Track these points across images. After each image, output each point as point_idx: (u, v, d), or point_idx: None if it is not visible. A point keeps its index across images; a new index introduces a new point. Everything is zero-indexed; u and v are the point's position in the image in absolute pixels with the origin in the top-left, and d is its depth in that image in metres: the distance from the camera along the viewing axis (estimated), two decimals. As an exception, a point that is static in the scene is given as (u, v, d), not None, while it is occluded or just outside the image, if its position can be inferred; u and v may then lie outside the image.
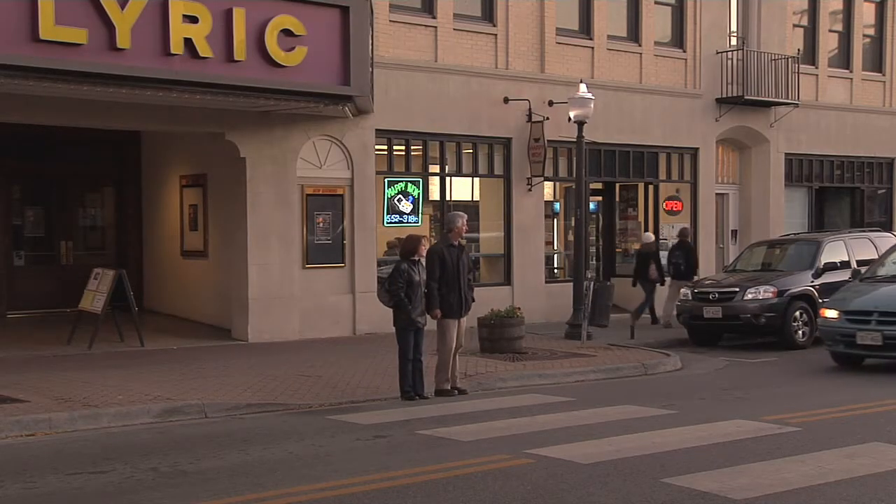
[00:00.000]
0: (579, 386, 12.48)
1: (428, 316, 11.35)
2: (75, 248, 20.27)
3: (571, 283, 17.33)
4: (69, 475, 7.77)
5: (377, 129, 17.38)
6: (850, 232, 18.61)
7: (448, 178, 18.79)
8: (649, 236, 19.74)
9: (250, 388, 11.51)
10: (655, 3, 21.04)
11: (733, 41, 22.61)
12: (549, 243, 20.71)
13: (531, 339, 15.46)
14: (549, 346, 15.22)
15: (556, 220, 21.11)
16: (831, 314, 13.44)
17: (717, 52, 21.81)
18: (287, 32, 13.82)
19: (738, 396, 11.40)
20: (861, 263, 15.72)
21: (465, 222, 11.61)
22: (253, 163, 16.14)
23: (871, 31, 25.36)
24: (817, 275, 16.47)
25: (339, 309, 16.99)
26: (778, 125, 22.99)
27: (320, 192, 16.85)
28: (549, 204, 20.51)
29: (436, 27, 18.00)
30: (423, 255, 11.35)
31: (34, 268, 19.81)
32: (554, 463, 7.90)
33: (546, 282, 19.62)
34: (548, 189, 20.25)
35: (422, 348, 11.30)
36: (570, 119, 17.36)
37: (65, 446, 8.93)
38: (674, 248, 19.37)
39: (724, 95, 21.85)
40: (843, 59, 24.75)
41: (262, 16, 13.60)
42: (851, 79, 24.82)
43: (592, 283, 16.06)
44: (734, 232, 23.29)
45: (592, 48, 20.09)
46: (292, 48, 13.88)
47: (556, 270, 20.93)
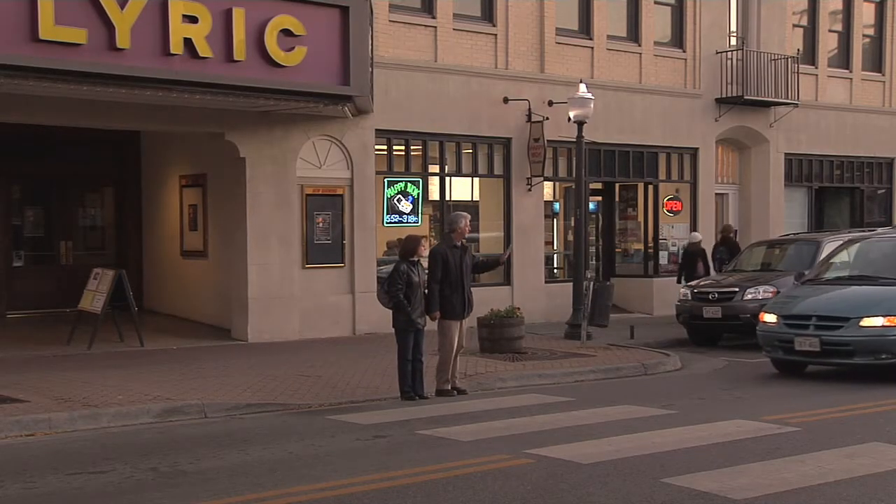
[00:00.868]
0: (579, 386, 12.48)
1: (428, 317, 11.33)
2: (75, 248, 20.27)
3: (571, 283, 17.34)
4: (69, 475, 7.77)
5: (377, 129, 17.38)
6: (849, 232, 18.59)
7: (448, 178, 18.79)
8: (696, 235, 20.00)
9: (250, 388, 11.51)
10: (655, 2, 21.05)
11: (733, 41, 22.61)
12: (549, 243, 20.71)
13: (531, 339, 15.47)
14: (548, 346, 15.22)
15: (555, 220, 21.11)
16: (770, 318, 12.86)
17: (717, 52, 21.81)
18: (287, 32, 13.82)
19: (737, 396, 11.41)
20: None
21: (467, 223, 11.55)
22: (253, 163, 16.15)
23: (870, 31, 25.36)
24: (816, 275, 16.42)
25: (339, 309, 17.00)
26: (777, 125, 22.99)
27: (320, 192, 16.85)
28: (548, 204, 20.52)
29: (435, 27, 18.00)
30: (423, 256, 11.33)
31: (34, 268, 19.82)
32: (554, 463, 7.90)
33: (546, 282, 19.63)
34: (547, 189, 20.25)
35: (422, 349, 11.28)
36: (569, 119, 17.36)
37: (64, 446, 8.93)
38: (717, 245, 19.81)
39: (724, 95, 21.85)
40: (843, 59, 24.75)
41: (261, 16, 13.61)
42: (851, 79, 24.83)
43: (592, 283, 16.05)
44: (734, 232, 23.25)
45: (592, 48, 20.10)
46: (292, 48, 13.89)
47: (555, 270, 20.94)
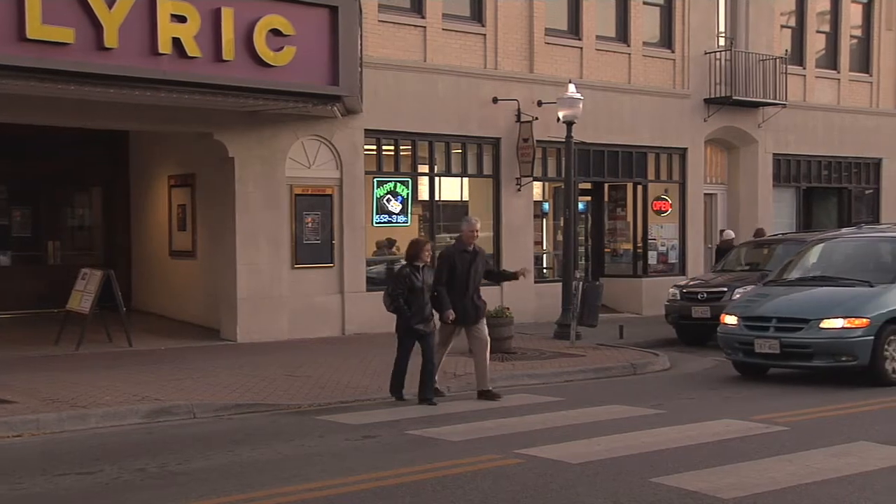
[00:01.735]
0: (568, 386, 12.49)
1: (439, 320, 11.14)
2: (63, 248, 20.20)
3: (560, 283, 17.36)
4: (57, 476, 7.74)
5: (366, 129, 17.36)
6: (836, 232, 18.64)
7: (437, 179, 18.78)
8: (730, 233, 20.26)
9: (239, 389, 11.48)
10: (644, 3, 21.09)
11: (721, 41, 22.67)
12: (539, 243, 20.72)
13: (520, 339, 15.47)
14: (538, 346, 15.23)
15: (545, 221, 21.13)
16: (731, 320, 12.69)
17: (706, 53, 21.87)
18: (276, 32, 13.79)
19: (726, 396, 11.44)
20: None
21: (472, 227, 11.24)
22: (242, 163, 16.11)
23: (857, 32, 25.46)
24: (804, 274, 16.43)
25: (328, 309, 16.98)
26: (766, 125, 23.06)
27: (309, 193, 16.82)
28: (538, 204, 20.53)
29: (425, 27, 17.99)
30: (426, 261, 10.98)
31: (21, 268, 19.73)
32: (543, 463, 7.91)
33: (535, 282, 19.62)
34: (537, 189, 20.27)
35: (432, 354, 10.97)
36: (559, 119, 17.38)
37: (52, 447, 8.89)
38: None
39: (713, 96, 21.91)
40: (831, 59, 24.85)
41: (250, 15, 13.58)
42: (839, 79, 24.92)
43: (581, 283, 16.07)
44: (722, 232, 23.31)
45: (581, 48, 20.12)
46: (281, 48, 13.86)
47: (545, 270, 20.95)
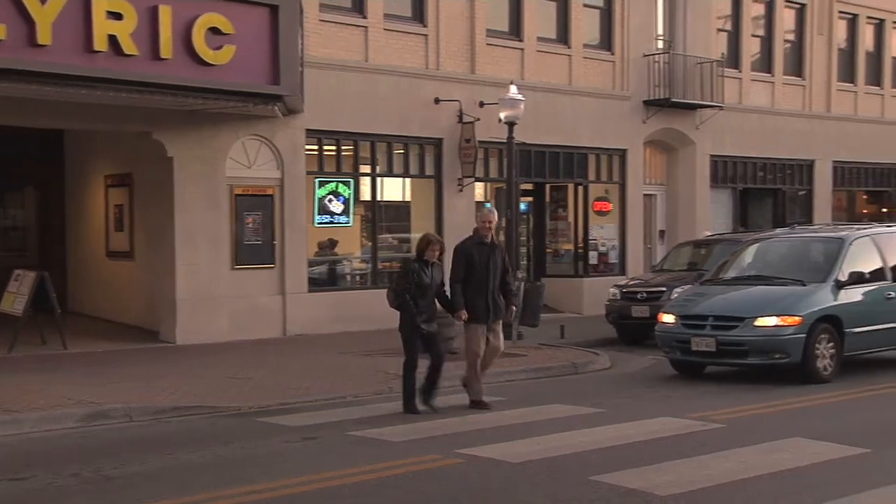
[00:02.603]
0: (510, 385, 12.54)
1: (453, 318, 10.53)
2: (-5, 249, 19.75)
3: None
4: (-12, 483, 7.56)
5: (307, 129, 17.27)
6: (771, 232, 19.00)
7: (379, 179, 18.75)
8: (706, 234, 20.65)
9: (177, 391, 11.33)
10: (584, 5, 21.28)
11: (660, 44, 22.98)
12: (481, 243, 20.75)
13: (462, 339, 15.46)
14: (480, 346, 15.25)
15: (487, 221, 21.15)
16: (668, 319, 12.84)
17: (645, 55, 22.15)
18: (215, 31, 13.64)
19: (664, 394, 11.59)
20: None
21: (485, 218, 10.49)
22: (181, 162, 15.90)
23: (791, 37, 25.98)
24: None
25: (270, 310, 16.84)
26: (703, 127, 23.43)
27: (250, 193, 16.67)
28: (480, 204, 20.56)
29: (366, 27, 17.95)
30: (435, 258, 10.24)
31: (-49, 270, 19.21)
32: (484, 462, 7.94)
33: (477, 282, 19.65)
34: (479, 189, 20.34)
35: (441, 355, 10.42)
36: (500, 120, 17.46)
37: (-16, 453, 8.68)
38: None
39: (652, 98, 22.20)
40: (765, 63, 25.34)
41: (188, 14, 13.41)
42: (773, 83, 25.42)
43: (523, 283, 16.14)
44: (662, 232, 23.67)
45: (522, 49, 20.24)
46: (220, 47, 13.71)
47: (487, 270, 20.98)
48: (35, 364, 13.40)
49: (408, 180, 19.53)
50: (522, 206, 21.12)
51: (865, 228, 14.37)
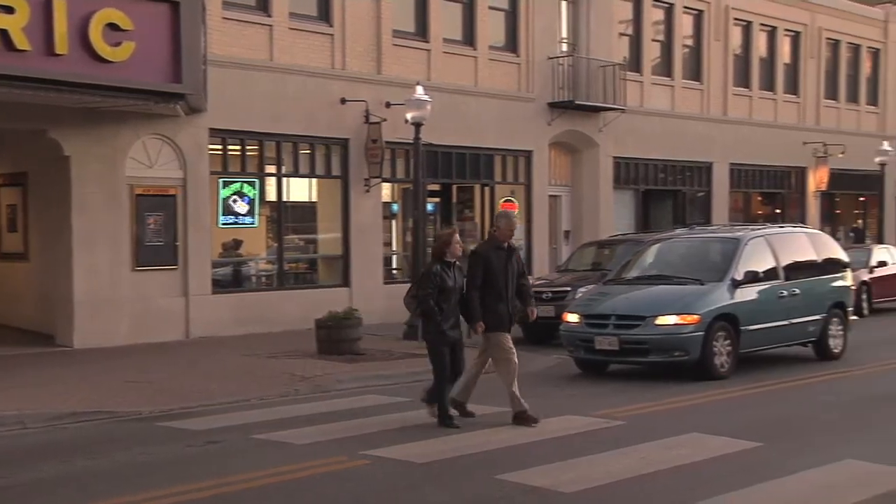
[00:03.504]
0: (417, 386, 12.41)
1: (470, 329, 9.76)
2: None
3: (409, 284, 17.40)
4: None
5: (211, 129, 16.99)
6: (672, 232, 19.45)
7: (285, 179, 18.57)
8: None
9: (74, 397, 11.01)
10: (489, 7, 21.45)
11: (564, 47, 23.32)
12: (388, 244, 20.78)
13: (369, 340, 15.45)
14: (387, 347, 15.25)
15: (394, 221, 21.19)
16: (573, 318, 12.99)
17: (549, 58, 22.44)
18: (113, 27, 13.28)
19: (569, 393, 11.76)
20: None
21: (512, 225, 10.03)
22: (78, 161, 15.46)
23: (690, 42, 26.67)
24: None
25: (172, 312, 16.51)
26: (606, 130, 23.87)
27: (151, 193, 16.32)
28: (387, 205, 20.59)
29: (271, 25, 17.75)
30: (457, 256, 9.55)
31: None
32: (390, 463, 7.94)
33: (384, 283, 19.67)
34: (386, 190, 20.32)
35: (462, 365, 9.69)
36: (407, 121, 17.45)
37: None
38: None
39: (556, 100, 22.51)
40: (666, 67, 25.95)
41: (84, 8, 13.02)
42: (673, 86, 26.05)
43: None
44: (566, 232, 24.03)
45: (429, 50, 20.30)
46: (119, 43, 13.37)
47: (394, 271, 21.02)
48: (-78, 371, 12.86)
49: (314, 181, 19.40)
50: (429, 207, 21.16)
51: (760, 229, 14.84)
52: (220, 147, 17.40)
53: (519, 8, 21.96)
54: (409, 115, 17.23)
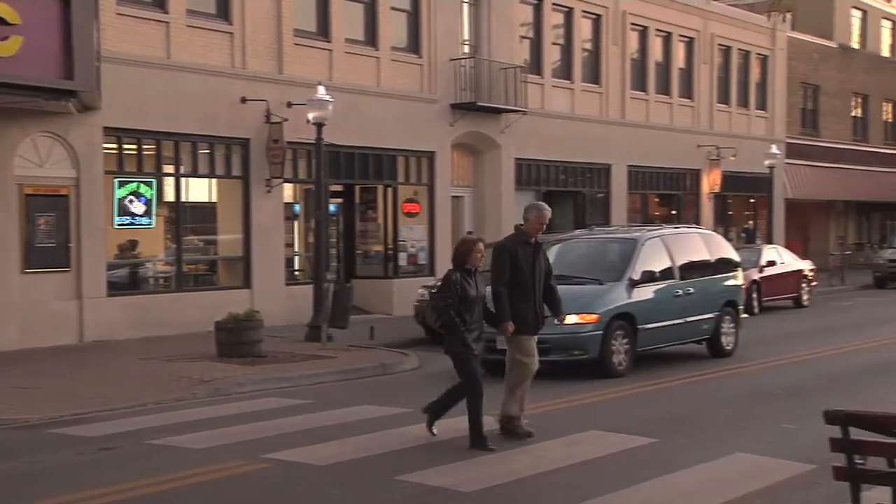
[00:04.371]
0: (319, 388, 12.47)
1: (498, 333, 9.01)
2: None
3: (312, 286, 17.30)
4: None
5: (106, 127, 16.54)
6: (572, 233, 19.78)
7: (184, 179, 18.21)
8: None
9: (-40, 405, 10.58)
10: (391, 8, 21.42)
11: (466, 49, 23.47)
12: (290, 245, 20.57)
13: (271, 342, 15.26)
14: (289, 349, 15.09)
15: (296, 222, 21.00)
16: None
17: (451, 60, 22.55)
18: (0, 21, 12.82)
19: (470, 392, 11.83)
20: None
21: (542, 218, 9.27)
22: (-37, 160, 14.88)
23: (588, 46, 27.14)
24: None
25: (65, 315, 16.00)
26: (508, 131, 24.11)
27: (42, 193, 15.79)
28: (289, 206, 20.37)
29: (168, 22, 17.37)
30: (479, 265, 8.74)
31: None
32: (291, 466, 7.86)
33: (286, 284, 19.47)
34: (288, 191, 20.11)
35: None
36: (308, 121, 17.31)
37: None
38: None
39: (458, 101, 22.63)
40: (566, 70, 26.34)
41: (-31, 1, 12.55)
42: (573, 89, 26.47)
43: (332, 284, 16.10)
44: (469, 233, 24.15)
45: (331, 50, 20.17)
46: (6, 37, 12.92)
47: (296, 272, 20.83)
48: None
49: (214, 181, 19.08)
50: (332, 208, 21.06)
51: (656, 230, 15.21)
52: (115, 146, 16.95)
53: (421, 9, 22.00)
54: (310, 116, 17.09)
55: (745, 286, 16.38)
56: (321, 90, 17.05)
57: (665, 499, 6.99)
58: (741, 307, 15.39)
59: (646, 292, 13.29)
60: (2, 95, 13.58)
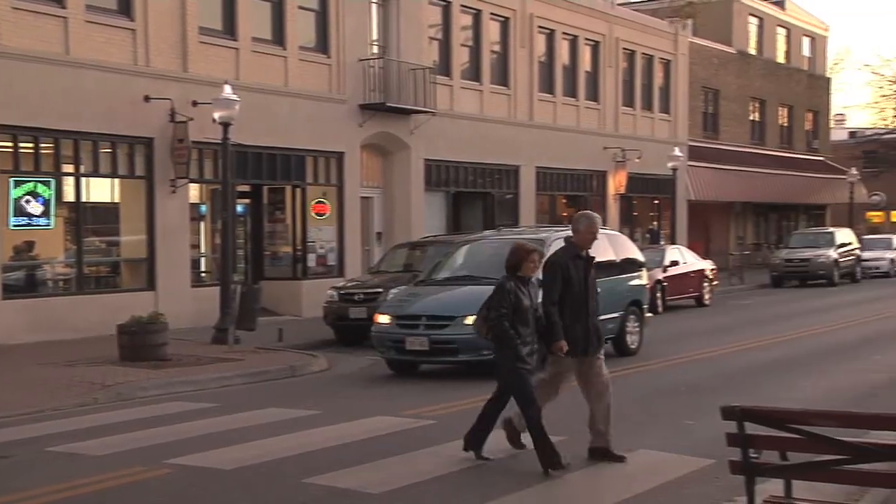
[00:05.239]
0: (225, 391, 12.28)
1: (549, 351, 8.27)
2: None
3: (219, 287, 17.03)
4: None
5: (1, 125, 15.98)
6: (482, 234, 19.92)
7: (84, 179, 17.74)
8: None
9: None
10: (299, 7, 21.24)
11: (375, 49, 23.41)
12: (196, 246, 20.22)
13: (176, 345, 14.95)
14: (195, 352, 14.82)
15: (202, 223, 20.65)
16: (384, 320, 13.06)
17: (360, 60, 22.47)
18: None
19: (380, 394, 11.82)
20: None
21: (593, 227, 8.55)
22: None
23: (497, 48, 27.37)
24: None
25: (-43, 321, 15.43)
26: (417, 132, 24.14)
27: (-68, 192, 15.21)
28: (194, 206, 20.02)
29: (66, 17, 16.89)
30: (534, 273, 8.20)
31: None
32: (195, 471, 7.72)
33: (192, 286, 19.13)
34: (194, 191, 19.76)
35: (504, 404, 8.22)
36: (215, 120, 17.03)
37: None
38: None
39: (367, 102, 22.57)
40: (474, 72, 26.52)
41: None
42: (482, 91, 26.66)
43: (240, 286, 15.88)
44: (379, 234, 24.13)
45: (237, 49, 19.89)
46: None
47: (203, 274, 20.47)
48: None
49: (116, 181, 18.64)
50: (239, 209, 20.76)
51: (564, 231, 15.40)
52: (10, 144, 16.41)
53: (329, 9, 21.87)
54: (216, 115, 16.82)
55: (649, 286, 16.71)
56: (227, 89, 16.80)
57: (571, 494, 7.09)
58: (646, 306, 15.71)
59: (555, 291, 13.42)
60: None
